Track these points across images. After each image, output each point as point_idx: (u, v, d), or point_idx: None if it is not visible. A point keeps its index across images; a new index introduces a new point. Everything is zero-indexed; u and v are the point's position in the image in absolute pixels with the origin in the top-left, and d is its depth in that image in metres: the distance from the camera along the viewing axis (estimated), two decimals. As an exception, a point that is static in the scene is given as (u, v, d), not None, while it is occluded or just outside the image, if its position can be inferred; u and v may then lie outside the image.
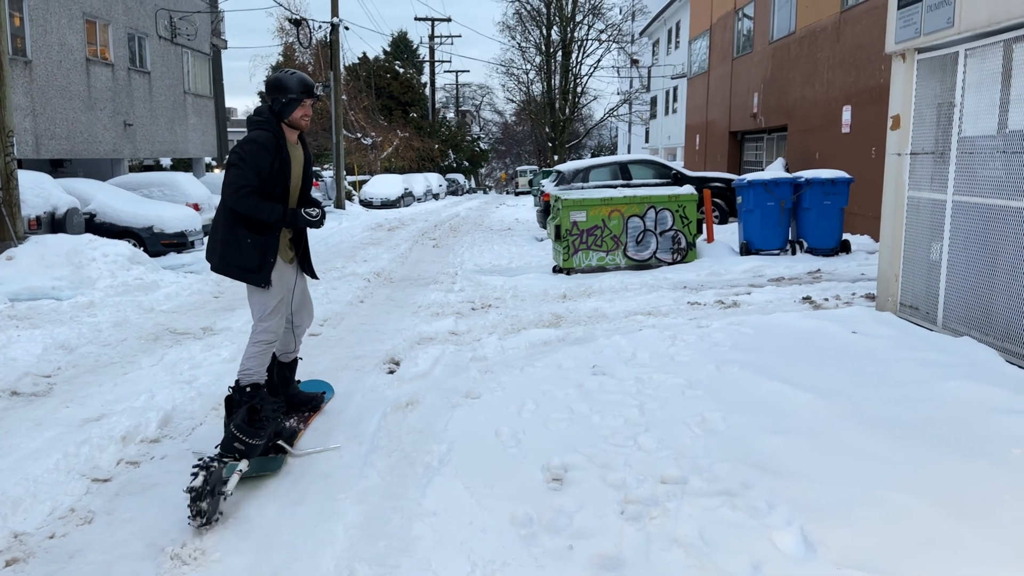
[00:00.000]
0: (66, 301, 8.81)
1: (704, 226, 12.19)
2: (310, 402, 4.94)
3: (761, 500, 3.51)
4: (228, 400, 4.31)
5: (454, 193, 47.29)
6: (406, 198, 32.25)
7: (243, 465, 3.85)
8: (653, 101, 45.36)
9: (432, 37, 51.88)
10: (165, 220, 14.49)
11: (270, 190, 4.15)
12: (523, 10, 50.79)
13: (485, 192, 58.99)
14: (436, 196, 39.40)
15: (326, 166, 35.69)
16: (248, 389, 4.24)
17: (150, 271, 10.66)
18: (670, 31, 40.26)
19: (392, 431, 4.57)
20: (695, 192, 11.26)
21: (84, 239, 10.78)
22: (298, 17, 24.66)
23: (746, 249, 11.52)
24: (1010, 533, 3.16)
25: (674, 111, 38.40)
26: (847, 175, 11.31)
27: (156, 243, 14.30)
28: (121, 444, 4.42)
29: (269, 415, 4.06)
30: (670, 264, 11.15)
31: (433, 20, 51.77)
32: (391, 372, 5.93)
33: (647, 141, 47.79)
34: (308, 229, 4.53)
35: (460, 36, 55.85)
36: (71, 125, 17.96)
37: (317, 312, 7.15)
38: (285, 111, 4.22)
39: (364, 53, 51.61)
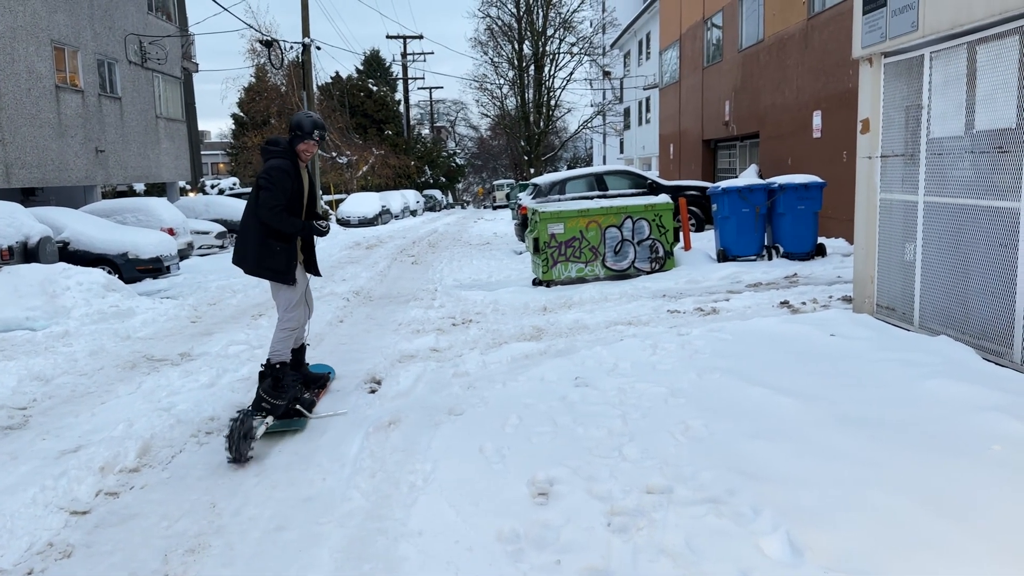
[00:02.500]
0: (41, 331, 8.68)
1: (681, 234, 12.25)
2: (319, 380, 5.96)
3: (746, 506, 3.51)
4: (260, 374, 5.27)
5: (432, 209, 47.26)
6: (384, 216, 32.16)
7: (269, 420, 4.97)
8: (626, 112, 45.68)
9: (404, 55, 52.01)
10: (140, 246, 14.34)
11: (292, 207, 5.16)
12: (494, 26, 51.16)
13: (463, 207, 59.00)
14: (414, 213, 39.35)
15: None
16: (277, 366, 5.27)
17: (126, 298, 10.53)
18: (640, 42, 40.62)
19: (375, 451, 4.54)
20: (671, 201, 11.33)
21: (58, 268, 10.64)
22: (269, 38, 24.59)
23: (723, 256, 11.59)
24: (994, 530, 3.18)
25: (647, 121, 38.70)
26: (820, 179, 11.43)
27: (131, 269, 14.15)
28: (100, 475, 4.35)
29: (289, 384, 5.23)
30: (649, 273, 11.19)
31: (405, 38, 51.91)
32: (373, 391, 5.89)
33: (622, 151, 48.09)
34: (316, 237, 5.51)
35: (432, 53, 55.80)
36: (42, 153, 17.77)
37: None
38: (295, 143, 5.23)
39: (337, 72, 51.72)
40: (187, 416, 5.35)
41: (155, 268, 14.44)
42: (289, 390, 5.18)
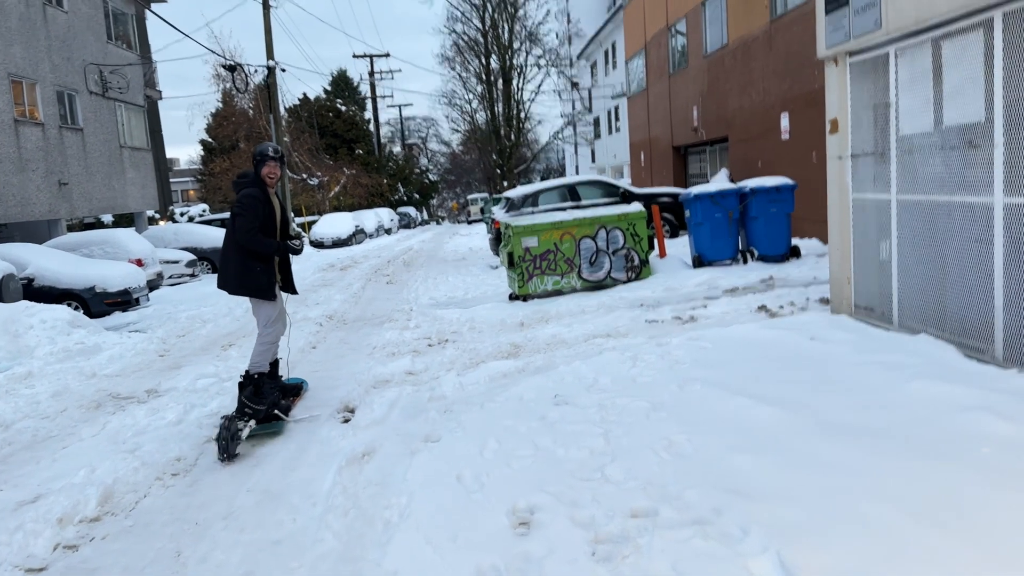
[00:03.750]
0: (2, 373, 8.40)
1: (656, 242, 12.18)
2: (294, 390, 6.40)
3: (734, 526, 3.38)
4: (240, 384, 5.71)
5: (407, 227, 47.02)
6: (358, 236, 31.91)
7: (252, 423, 5.42)
8: (596, 122, 45.85)
9: (372, 73, 51.87)
10: (107, 279, 14.05)
11: (266, 230, 5.64)
12: (460, 41, 51.26)
13: (438, 223, 58.82)
14: (388, 231, 39.11)
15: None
16: (256, 376, 5.72)
17: (92, 334, 10.25)
18: (607, 52, 40.83)
19: (348, 487, 4.36)
20: (643, 209, 11.25)
21: (20, 306, 10.34)
22: (232, 63, 24.35)
23: (699, 261, 11.53)
24: (984, 535, 3.08)
25: (617, 130, 38.85)
26: (791, 181, 11.42)
27: (99, 303, 13.86)
28: (58, 527, 4.13)
29: (268, 391, 5.69)
30: (625, 283, 11.10)
31: (372, 56, 51.81)
32: (346, 421, 5.70)
33: (594, 161, 48.23)
34: (291, 256, 6.07)
35: (400, 71, 55.91)
36: (2, 189, 17.40)
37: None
38: (258, 169, 5.73)
39: (304, 94, 51.41)
40: (152, 457, 5.14)
41: (124, 301, 14.15)
42: (268, 396, 5.65)
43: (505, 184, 49.19)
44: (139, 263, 16.29)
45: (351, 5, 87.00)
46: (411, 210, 50.86)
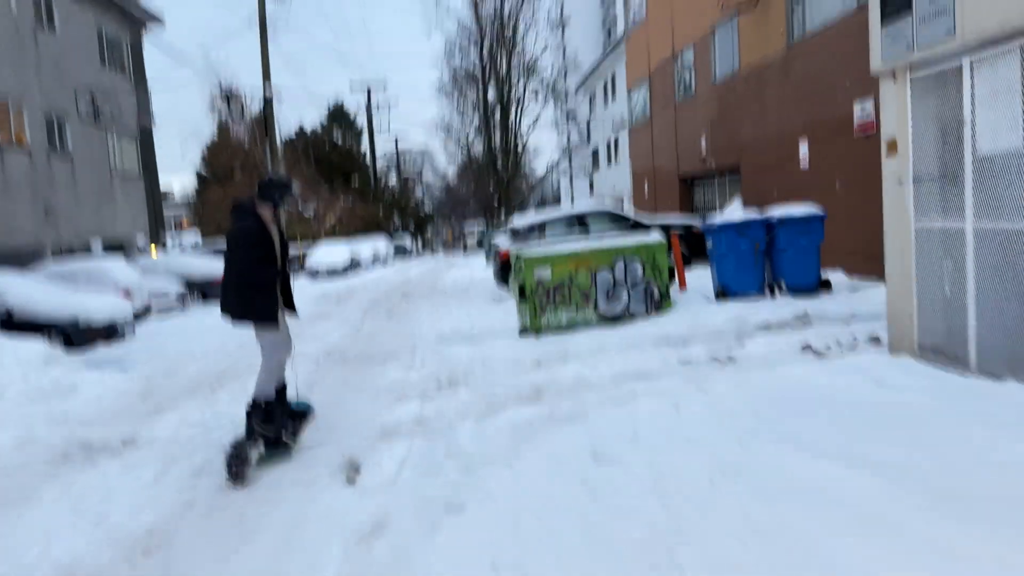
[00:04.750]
0: (-36, 417, 7.55)
1: (675, 273, 11.46)
2: (302, 415, 6.23)
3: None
4: (248, 414, 5.62)
5: (403, 257, 46.37)
6: (353, 266, 31.19)
7: (261, 447, 5.52)
8: (595, 153, 45.47)
9: (368, 104, 51.54)
10: (91, 311, 13.26)
11: (267, 257, 5.63)
12: (458, 72, 51.01)
13: (433, 253, 58.21)
14: (384, 261, 38.42)
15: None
16: (263, 404, 5.65)
17: (69, 372, 9.42)
18: (606, 84, 40.53)
19: (356, 575, 3.55)
20: (663, 239, 10.55)
21: (-9, 341, 9.53)
22: (228, 92, 23.76)
23: (722, 294, 10.80)
24: None
25: (616, 161, 38.39)
26: (820, 211, 10.74)
27: (82, 337, 13.04)
28: (-4, 626, 3.32)
29: (278, 416, 5.69)
30: (645, 317, 10.35)
31: (369, 90, 51.51)
32: (350, 482, 4.90)
33: (592, 192, 47.78)
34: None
35: (398, 105, 55.55)
36: (-16, 216, 16.65)
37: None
38: (262, 203, 5.71)
39: (301, 127, 50.96)
40: (121, 529, 4.31)
41: (108, 334, 13.34)
42: (277, 420, 5.66)
43: (503, 215, 48.64)
44: (126, 294, 15.51)
45: (350, 37, 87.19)
46: (407, 240, 50.24)
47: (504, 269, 14.84)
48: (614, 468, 4.60)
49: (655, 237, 10.54)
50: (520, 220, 16.50)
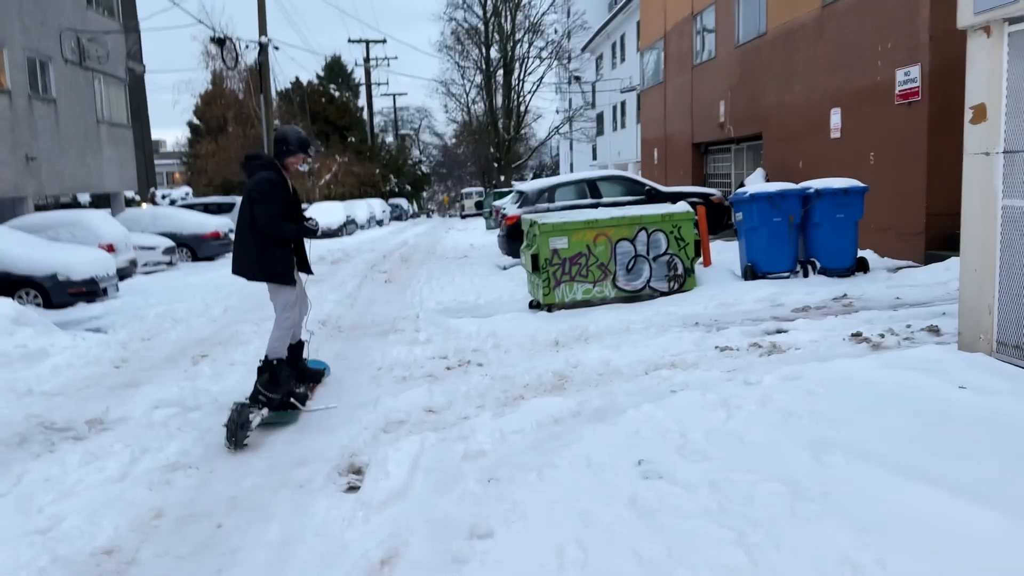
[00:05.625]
0: (-84, 384, 6.76)
1: (700, 247, 10.66)
2: (314, 376, 6.19)
3: None
4: (259, 369, 5.49)
5: (398, 219, 45.37)
6: (349, 226, 30.26)
7: (265, 411, 5.24)
8: (599, 117, 44.34)
9: (367, 59, 50.08)
10: (71, 266, 12.45)
11: (285, 215, 5.48)
12: (460, 29, 49.47)
13: (428, 216, 57.15)
14: (380, 223, 37.45)
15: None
16: (275, 362, 5.49)
17: (39, 334, 8.61)
18: (614, 45, 39.33)
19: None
20: (690, 209, 9.74)
21: (-46, 298, 8.71)
22: (221, 36, 22.62)
23: (751, 272, 10.01)
24: None
25: (623, 126, 37.36)
26: (860, 184, 9.92)
27: (61, 293, 12.27)
28: None
29: (284, 379, 5.49)
30: (667, 294, 9.57)
31: (368, 41, 50.03)
32: (352, 488, 4.13)
33: (595, 158, 46.73)
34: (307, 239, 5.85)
35: (396, 58, 54.21)
36: (-41, 161, 15.68)
37: (239, 390, 5.47)
38: (282, 156, 5.55)
39: (297, 77, 49.56)
40: (71, 545, 3.54)
41: (89, 291, 12.54)
42: (284, 384, 5.49)
43: (503, 178, 47.57)
44: (110, 249, 14.65)
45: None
46: (403, 202, 49.23)
47: (511, 236, 14.00)
48: (665, 483, 3.85)
49: (682, 207, 9.71)
50: (529, 184, 15.64)
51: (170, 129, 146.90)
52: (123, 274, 14.89)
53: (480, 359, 6.98)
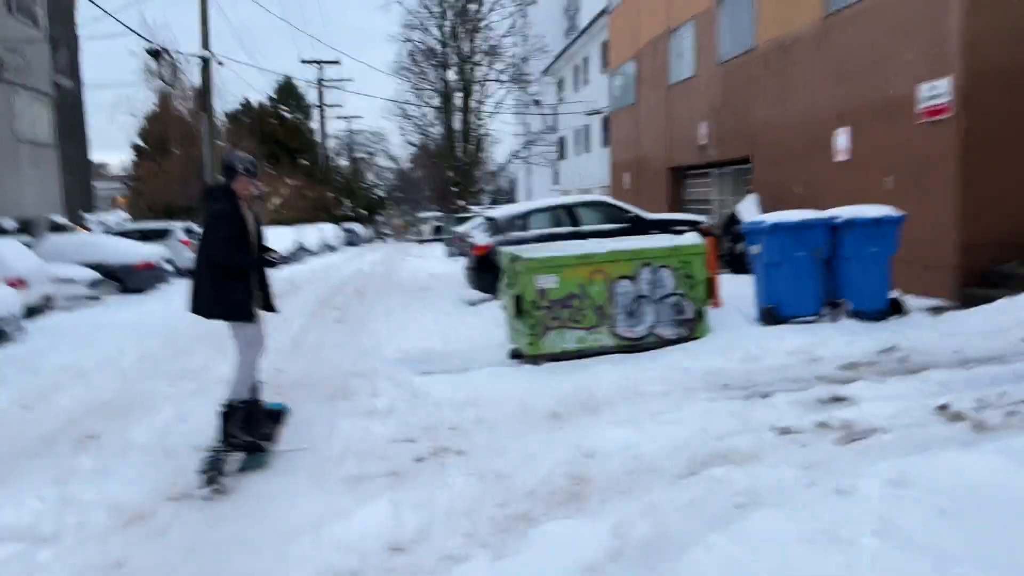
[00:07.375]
0: None
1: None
2: (277, 415, 5.76)
3: None
4: (225, 414, 5.18)
5: (352, 244, 43.44)
6: (299, 253, 28.32)
7: (237, 455, 5.11)
8: (561, 141, 43.14)
9: (320, 81, 48.26)
10: (-39, 304, 10.46)
11: (240, 243, 5.22)
12: (417, 50, 47.93)
13: (384, 241, 55.24)
14: (333, 248, 35.52)
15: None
16: (241, 404, 5.25)
17: None
18: (577, 68, 38.25)
19: None
20: (701, 242, 8.23)
21: None
22: (156, 47, 20.68)
23: (771, 316, 8.50)
24: None
25: (587, 150, 36.13)
26: (895, 212, 8.53)
27: (-50, 339, 10.27)
28: None
29: (257, 418, 5.36)
30: (675, 342, 8.01)
31: (321, 62, 48.24)
32: None
33: (556, 183, 45.44)
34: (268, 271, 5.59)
35: (351, 80, 52.47)
36: None
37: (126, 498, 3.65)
38: (233, 184, 5.31)
39: (247, 99, 47.33)
40: None
41: (-16, 335, 10.54)
42: (259, 423, 5.28)
43: (461, 203, 45.93)
44: (19, 284, 12.59)
45: (302, 11, 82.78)
46: (357, 227, 47.31)
47: (481, 267, 12.38)
48: None
49: (693, 239, 8.20)
50: (499, 210, 14.06)
51: (116, 151, 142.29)
52: (36, 311, 12.88)
53: (460, 443, 5.27)
